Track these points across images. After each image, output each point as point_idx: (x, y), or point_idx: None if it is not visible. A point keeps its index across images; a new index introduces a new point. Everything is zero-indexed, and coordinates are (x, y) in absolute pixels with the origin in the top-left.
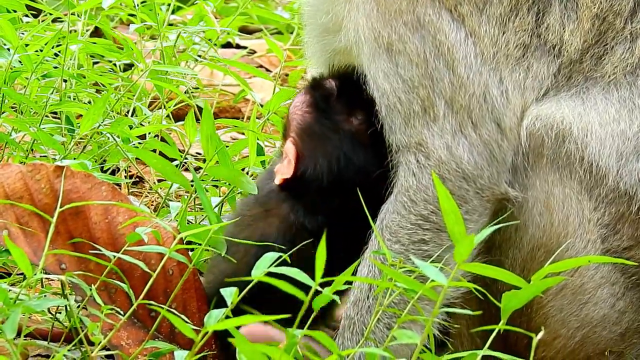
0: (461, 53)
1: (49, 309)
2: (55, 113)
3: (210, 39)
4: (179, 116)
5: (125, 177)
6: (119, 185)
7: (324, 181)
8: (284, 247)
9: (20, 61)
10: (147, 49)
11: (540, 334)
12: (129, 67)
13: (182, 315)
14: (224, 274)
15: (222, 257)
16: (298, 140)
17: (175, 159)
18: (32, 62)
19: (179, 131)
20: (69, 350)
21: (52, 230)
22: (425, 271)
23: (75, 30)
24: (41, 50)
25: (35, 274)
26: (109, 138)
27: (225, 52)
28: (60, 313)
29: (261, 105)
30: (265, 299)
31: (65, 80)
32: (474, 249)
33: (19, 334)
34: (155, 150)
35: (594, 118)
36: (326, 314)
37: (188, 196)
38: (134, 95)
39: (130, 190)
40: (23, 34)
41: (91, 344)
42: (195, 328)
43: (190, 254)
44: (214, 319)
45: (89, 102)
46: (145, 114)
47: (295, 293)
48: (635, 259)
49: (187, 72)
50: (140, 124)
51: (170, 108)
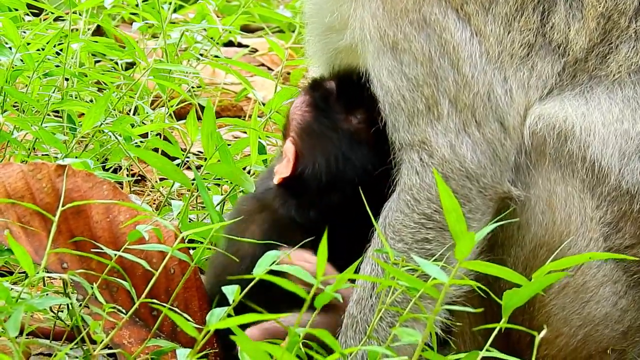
0: (466, 52)
1: (51, 308)
2: (57, 112)
3: (212, 38)
4: (181, 115)
5: (127, 176)
6: (120, 184)
7: (323, 180)
8: (274, 241)
9: (22, 60)
10: (149, 48)
11: (543, 333)
12: (130, 66)
13: (184, 314)
14: (220, 270)
15: (219, 254)
16: (297, 139)
17: (177, 158)
18: (34, 61)
19: (181, 130)
20: (71, 348)
21: (55, 229)
22: (426, 269)
23: (77, 29)
24: (43, 49)
25: (37, 273)
26: (110, 137)
27: (227, 51)
28: (62, 312)
29: (263, 104)
30: (263, 293)
31: (67, 79)
32: (476, 247)
33: (21, 333)
34: (157, 150)
35: (597, 117)
36: None
37: (190, 193)
38: (135, 94)
39: (132, 189)
40: (25, 32)
41: (93, 342)
42: (197, 327)
43: (191, 252)
44: (216, 318)
45: (91, 101)
46: (147, 113)
47: (296, 291)
48: (638, 257)
49: (189, 71)
50: (142, 123)
51: (172, 107)
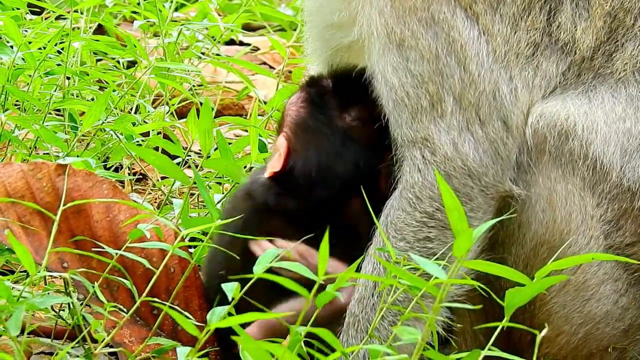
0: (474, 51)
1: (52, 307)
2: (58, 110)
3: (213, 36)
4: (182, 113)
5: (129, 175)
6: (122, 182)
7: (313, 175)
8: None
9: (23, 59)
10: (150, 46)
11: (544, 331)
12: (132, 65)
13: (185, 313)
14: (213, 262)
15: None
16: (291, 134)
17: (178, 156)
18: (35, 60)
19: (182, 128)
20: (72, 347)
21: (56, 228)
22: (426, 268)
23: (78, 28)
24: (44, 48)
25: (38, 272)
26: (112, 135)
27: (228, 49)
28: (63, 310)
29: (264, 102)
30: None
31: (68, 78)
32: (477, 246)
33: (22, 332)
34: (157, 148)
35: (599, 116)
36: None
37: (187, 191)
38: (137, 93)
39: (133, 188)
40: (26, 31)
41: (94, 341)
42: (198, 324)
43: (191, 251)
44: (217, 317)
45: (92, 100)
46: (148, 111)
47: (297, 290)
48: (638, 255)
49: (191, 69)
50: (144, 121)
51: (174, 106)
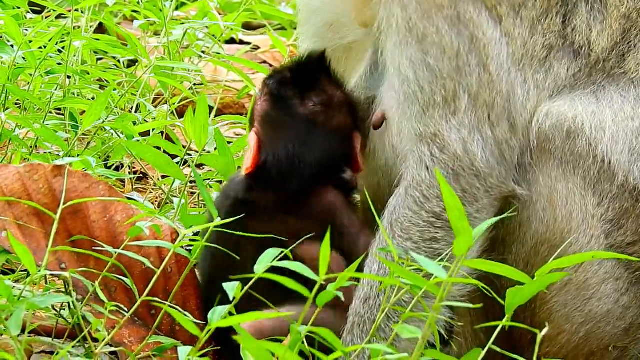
0: (495, 52)
1: (52, 306)
2: (59, 109)
3: (214, 35)
4: (183, 112)
5: (129, 174)
6: (122, 181)
7: (284, 166)
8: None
9: (24, 58)
10: (151, 45)
11: (545, 330)
12: (132, 63)
13: (183, 313)
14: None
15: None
16: (259, 129)
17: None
18: (36, 59)
19: (183, 127)
20: (73, 346)
21: (56, 227)
22: (427, 267)
23: (79, 27)
24: (45, 47)
25: (39, 271)
26: (112, 134)
27: (229, 48)
28: (64, 310)
29: None
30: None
31: (69, 77)
32: (479, 246)
33: (23, 331)
34: (159, 148)
35: (607, 115)
36: None
37: (184, 188)
38: (137, 92)
39: (134, 187)
40: (27, 30)
41: (95, 340)
42: (197, 322)
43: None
44: (218, 316)
45: (93, 99)
46: (149, 110)
47: (298, 289)
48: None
49: (191, 68)
50: (144, 120)
51: (174, 105)
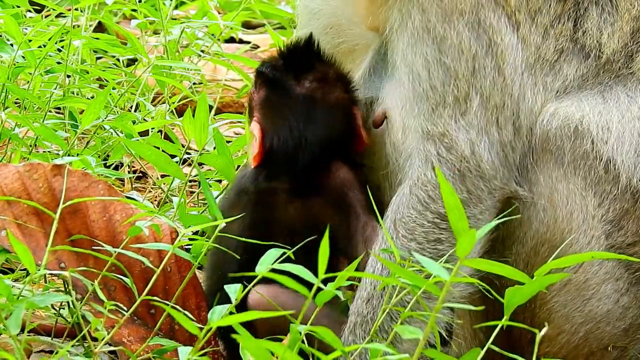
0: (512, 56)
1: (52, 305)
2: (58, 109)
3: (213, 34)
4: (182, 111)
5: (129, 173)
6: (122, 180)
7: (290, 147)
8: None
9: (23, 57)
10: (150, 44)
11: (544, 330)
12: (132, 62)
13: (183, 312)
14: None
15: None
16: (260, 116)
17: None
18: (36, 58)
19: (182, 126)
20: (72, 346)
21: (55, 227)
22: (428, 267)
23: (79, 26)
24: (44, 46)
25: (38, 270)
26: (112, 133)
27: (228, 47)
28: (63, 309)
29: None
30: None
31: (68, 76)
32: (481, 247)
33: (22, 330)
34: (159, 148)
35: (614, 116)
36: None
37: (184, 187)
38: (137, 91)
39: (133, 186)
40: (26, 29)
41: (94, 339)
42: (197, 322)
43: (187, 248)
44: (218, 315)
45: (92, 98)
46: (148, 110)
47: (299, 289)
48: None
49: (191, 68)
50: (144, 120)
51: (173, 104)
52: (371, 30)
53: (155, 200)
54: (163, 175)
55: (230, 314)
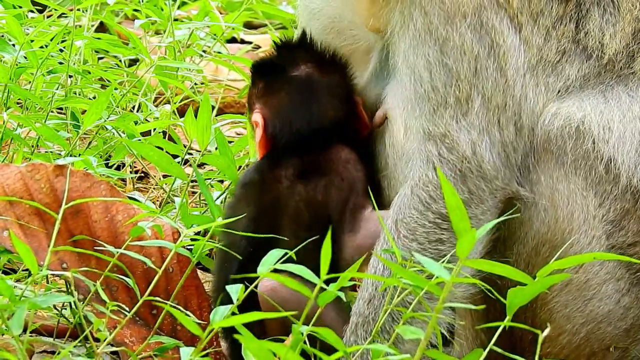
0: (514, 58)
1: (54, 305)
2: (60, 109)
3: (215, 34)
4: (184, 111)
5: (131, 173)
6: (124, 181)
7: (294, 128)
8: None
9: (25, 57)
10: (152, 44)
11: (546, 331)
12: (134, 63)
13: (185, 312)
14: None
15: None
16: (261, 105)
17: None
18: (38, 58)
19: (184, 127)
20: (74, 346)
21: (57, 227)
22: (429, 267)
23: (81, 26)
24: (46, 46)
25: (40, 271)
26: (114, 134)
27: (230, 47)
28: (65, 309)
29: None
30: None
31: (70, 76)
32: (482, 247)
33: (24, 330)
34: (161, 148)
35: (615, 115)
36: None
37: (186, 187)
38: (139, 91)
39: (135, 186)
40: (28, 29)
41: (96, 340)
42: (198, 322)
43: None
44: (220, 316)
45: (94, 98)
46: (150, 110)
47: (301, 290)
48: None
49: (192, 68)
50: (146, 120)
51: (175, 104)
52: (372, 31)
53: (157, 200)
54: (165, 176)
55: (233, 314)
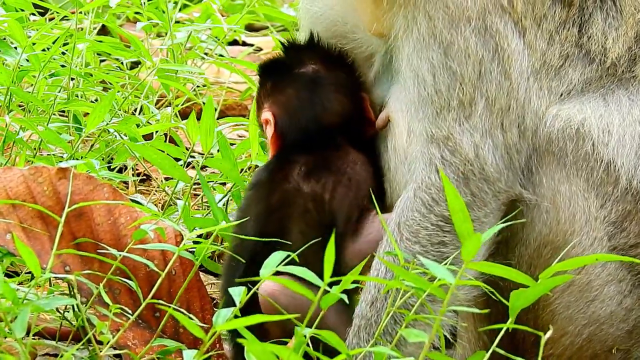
0: (518, 61)
1: (57, 308)
2: (62, 112)
3: (217, 37)
4: (186, 114)
5: (133, 176)
6: (126, 183)
7: (303, 122)
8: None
9: (27, 60)
10: (154, 47)
11: (549, 333)
12: (136, 65)
13: (188, 315)
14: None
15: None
16: (270, 103)
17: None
18: (40, 61)
19: (186, 129)
20: (77, 349)
21: (60, 230)
22: (433, 270)
23: (82, 29)
24: (48, 49)
25: (43, 274)
26: (116, 136)
27: (231, 50)
28: (68, 312)
29: None
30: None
31: (72, 79)
32: (486, 250)
33: (27, 333)
34: (163, 151)
35: (615, 118)
36: None
37: (189, 190)
38: (141, 94)
39: (137, 189)
40: (31, 32)
41: (99, 343)
42: (201, 325)
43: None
44: (223, 319)
45: (96, 101)
46: (152, 112)
47: (303, 292)
48: None
49: (194, 70)
50: (148, 123)
51: (177, 107)
52: (375, 35)
53: (160, 203)
54: (167, 178)
55: (236, 317)
